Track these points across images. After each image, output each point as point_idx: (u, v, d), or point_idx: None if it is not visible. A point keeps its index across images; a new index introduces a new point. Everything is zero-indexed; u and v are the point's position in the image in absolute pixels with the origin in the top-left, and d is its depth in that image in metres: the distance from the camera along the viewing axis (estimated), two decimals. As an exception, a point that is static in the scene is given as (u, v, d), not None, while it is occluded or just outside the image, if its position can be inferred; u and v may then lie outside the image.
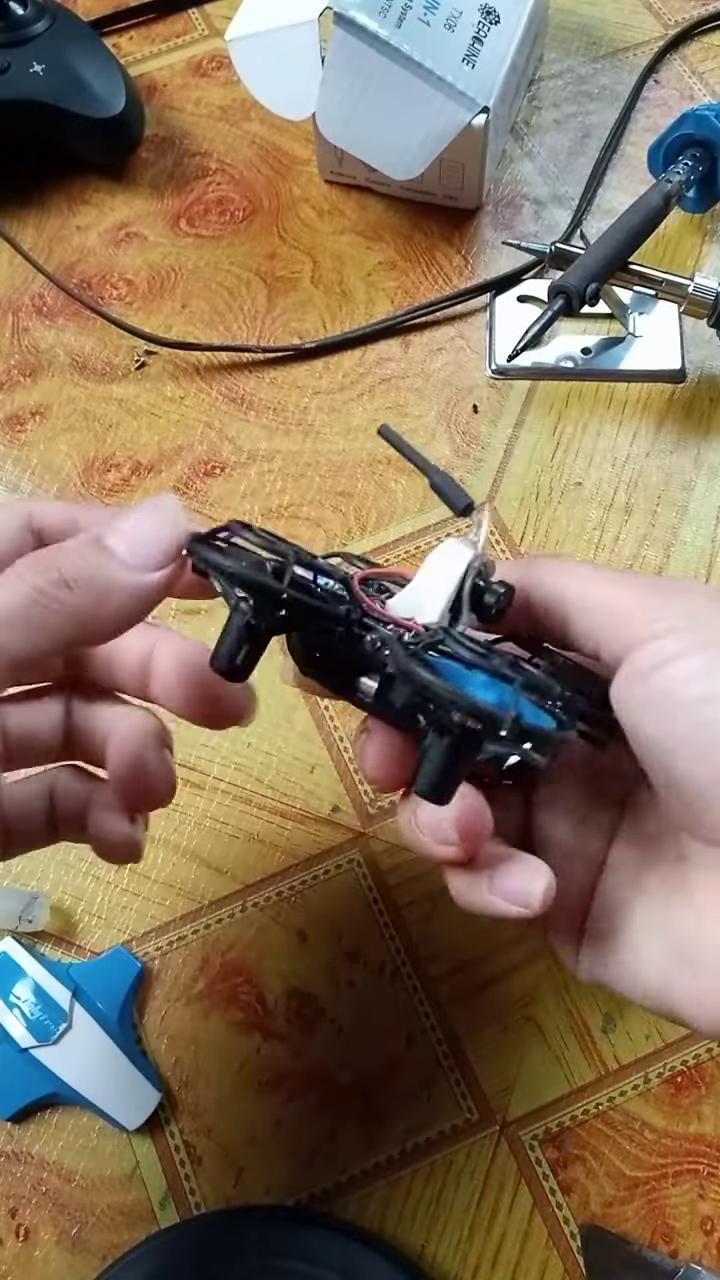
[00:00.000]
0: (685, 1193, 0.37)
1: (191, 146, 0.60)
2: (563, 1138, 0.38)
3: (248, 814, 0.44)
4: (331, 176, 0.58)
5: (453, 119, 0.51)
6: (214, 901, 0.42)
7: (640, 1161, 0.38)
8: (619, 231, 0.49)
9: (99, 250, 0.57)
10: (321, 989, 0.41)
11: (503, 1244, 0.37)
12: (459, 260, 0.55)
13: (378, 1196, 0.38)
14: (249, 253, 0.56)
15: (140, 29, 0.64)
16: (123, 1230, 0.38)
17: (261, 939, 0.41)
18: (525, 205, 0.57)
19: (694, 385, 0.51)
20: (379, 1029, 0.40)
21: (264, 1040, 0.40)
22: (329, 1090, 0.39)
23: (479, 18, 0.52)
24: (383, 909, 0.42)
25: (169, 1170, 0.38)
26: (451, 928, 0.41)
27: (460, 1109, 0.39)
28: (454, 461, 0.50)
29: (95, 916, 0.42)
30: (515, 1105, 0.39)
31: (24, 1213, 0.38)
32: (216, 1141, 0.39)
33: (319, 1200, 0.38)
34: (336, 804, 0.44)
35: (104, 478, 0.50)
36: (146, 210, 0.58)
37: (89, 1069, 0.39)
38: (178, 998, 0.41)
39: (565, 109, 0.59)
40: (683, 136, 0.53)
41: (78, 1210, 0.38)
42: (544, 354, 0.52)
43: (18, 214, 0.58)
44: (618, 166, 0.58)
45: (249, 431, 0.52)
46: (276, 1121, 0.39)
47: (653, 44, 0.61)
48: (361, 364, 0.53)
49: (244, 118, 0.60)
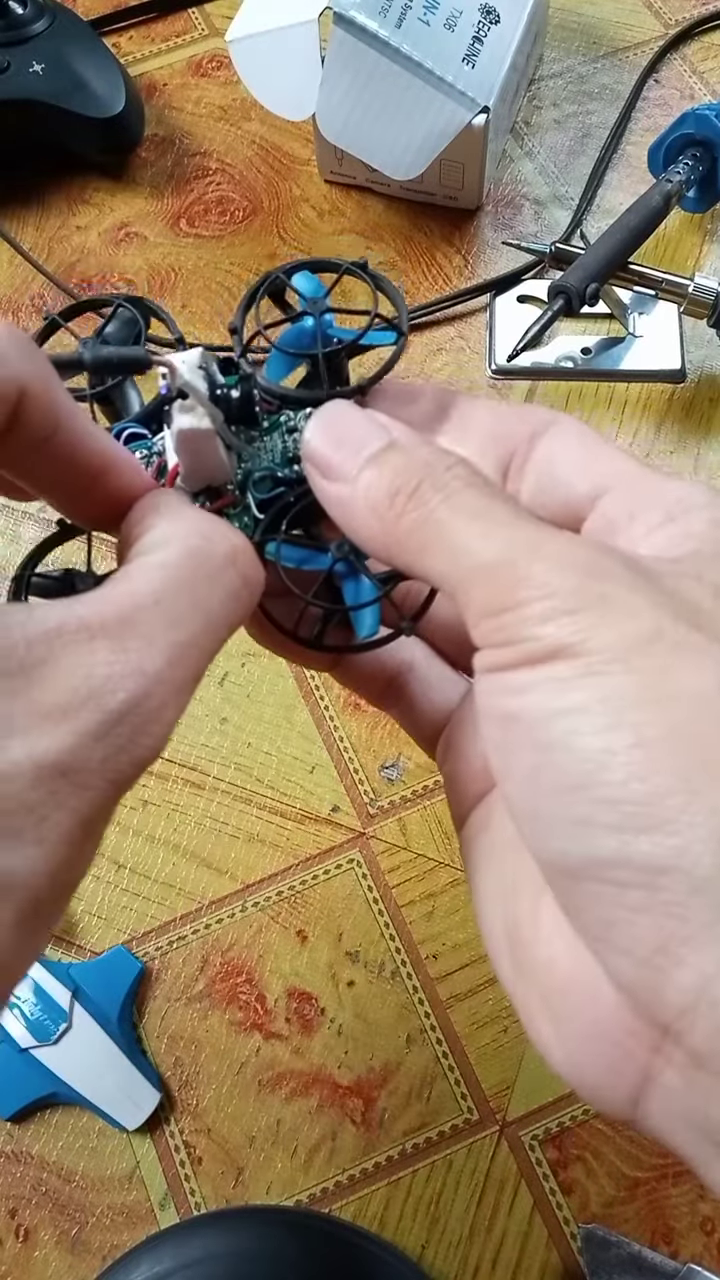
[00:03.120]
0: (685, 1193, 0.37)
1: (191, 146, 0.60)
2: (563, 1138, 0.38)
3: (248, 814, 0.44)
4: (331, 176, 0.58)
5: (453, 119, 0.51)
6: (214, 901, 0.42)
7: (640, 1161, 0.38)
8: (619, 231, 0.49)
9: (99, 250, 0.57)
10: (321, 989, 0.41)
11: (503, 1244, 0.37)
12: (459, 260, 0.55)
13: (378, 1196, 0.38)
14: (249, 253, 0.56)
15: (140, 29, 0.64)
16: (123, 1230, 0.38)
17: (261, 939, 0.41)
18: (525, 205, 0.57)
19: (694, 385, 0.51)
20: (379, 1029, 0.40)
21: (264, 1040, 0.40)
22: (329, 1090, 0.39)
23: (479, 17, 0.52)
24: (383, 909, 0.42)
25: (169, 1170, 0.38)
26: (451, 927, 0.41)
27: (460, 1109, 0.39)
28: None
29: (95, 916, 0.42)
30: (515, 1105, 0.39)
31: (24, 1213, 0.38)
32: (216, 1141, 0.39)
33: (319, 1200, 0.38)
34: (336, 804, 0.44)
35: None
36: (146, 210, 0.58)
37: (89, 1069, 0.39)
38: (178, 998, 0.41)
39: (565, 109, 0.59)
40: (683, 136, 0.53)
41: (78, 1210, 0.38)
42: (544, 354, 0.52)
43: (18, 214, 0.58)
44: (618, 166, 0.58)
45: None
46: (276, 1121, 0.39)
47: (653, 43, 0.61)
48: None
49: (244, 118, 0.60)
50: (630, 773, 0.18)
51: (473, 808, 0.24)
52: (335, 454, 0.23)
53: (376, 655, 0.26)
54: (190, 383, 0.23)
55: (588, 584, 0.19)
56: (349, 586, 0.25)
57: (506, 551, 0.20)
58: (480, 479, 0.21)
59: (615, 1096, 0.19)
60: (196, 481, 0.25)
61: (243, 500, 0.25)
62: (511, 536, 0.20)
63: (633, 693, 0.18)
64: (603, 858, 0.18)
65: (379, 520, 0.21)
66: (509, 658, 0.19)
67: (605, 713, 0.18)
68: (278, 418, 0.26)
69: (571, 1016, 0.20)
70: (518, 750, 0.19)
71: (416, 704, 0.27)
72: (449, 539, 0.20)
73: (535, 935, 0.21)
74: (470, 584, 0.20)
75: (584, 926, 0.19)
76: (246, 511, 0.25)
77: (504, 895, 0.22)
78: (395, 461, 0.22)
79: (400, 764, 0.44)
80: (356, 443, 0.22)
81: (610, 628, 0.18)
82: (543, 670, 0.19)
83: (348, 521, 0.22)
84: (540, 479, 0.24)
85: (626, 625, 0.18)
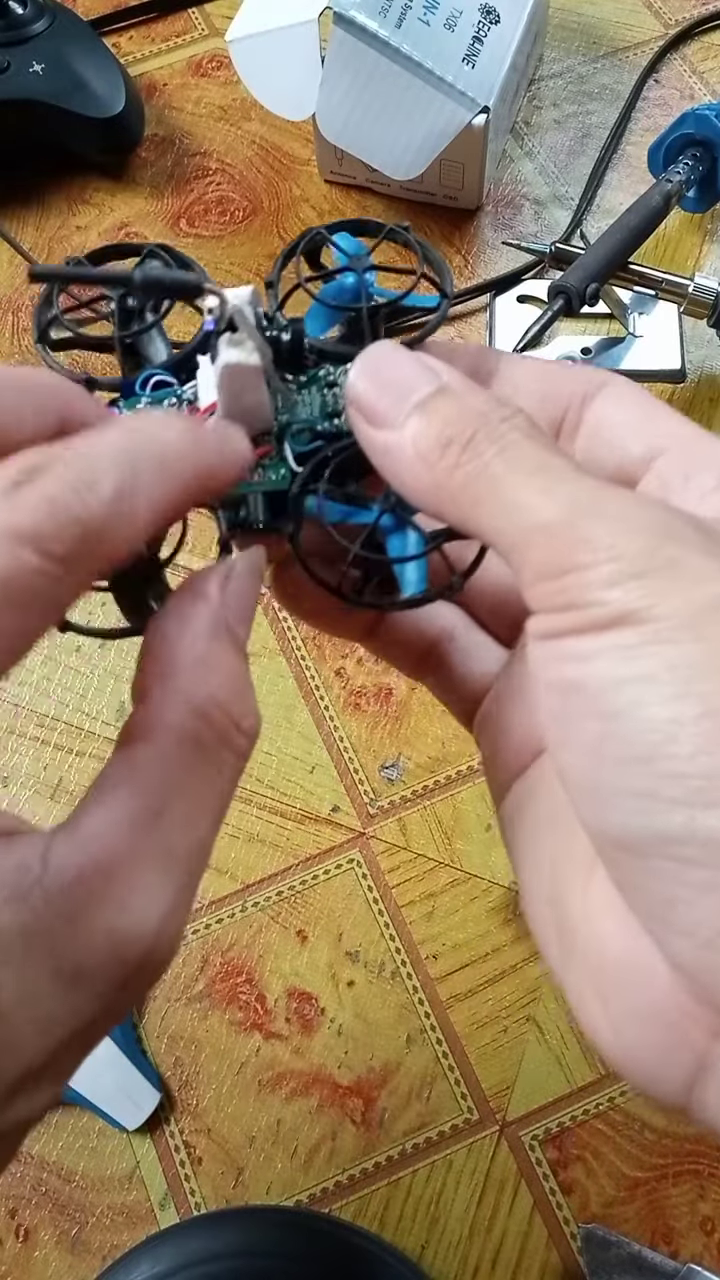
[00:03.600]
0: (685, 1193, 0.37)
1: (191, 146, 0.60)
2: (563, 1138, 0.38)
3: (248, 814, 0.44)
4: (331, 176, 0.58)
5: (453, 119, 0.51)
6: (214, 901, 0.42)
7: (640, 1161, 0.38)
8: (619, 231, 0.49)
9: (99, 250, 0.57)
10: (321, 989, 0.41)
11: (503, 1244, 0.37)
12: (459, 260, 0.55)
13: (378, 1196, 0.38)
14: (249, 253, 0.56)
15: (140, 29, 0.64)
16: (123, 1230, 0.38)
17: (261, 939, 0.41)
18: (525, 205, 0.57)
19: (694, 385, 0.51)
20: (379, 1029, 0.40)
21: (264, 1040, 0.40)
22: (329, 1090, 0.39)
23: (479, 18, 0.52)
24: (383, 909, 0.42)
25: (169, 1170, 0.38)
26: (451, 928, 0.41)
27: (460, 1109, 0.39)
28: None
29: (95, 916, 0.42)
30: (515, 1105, 0.39)
31: (24, 1213, 0.38)
32: (216, 1141, 0.39)
33: (319, 1200, 0.38)
34: (336, 804, 0.44)
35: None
36: (146, 210, 0.58)
37: (89, 1069, 0.39)
38: (178, 998, 0.41)
39: (565, 109, 0.59)
40: (683, 136, 0.53)
41: (78, 1210, 0.38)
42: (544, 354, 0.52)
43: (18, 214, 0.58)
44: (618, 166, 0.58)
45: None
46: (276, 1121, 0.39)
47: (653, 43, 0.61)
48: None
49: (244, 118, 0.60)
50: (698, 745, 0.17)
51: (513, 781, 0.23)
52: (382, 398, 0.21)
53: (416, 621, 0.25)
54: (243, 312, 0.22)
55: (656, 546, 0.18)
56: (394, 541, 0.23)
57: (568, 510, 0.19)
58: (539, 431, 0.20)
59: (669, 1082, 0.19)
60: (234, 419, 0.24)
61: (280, 451, 0.24)
62: (574, 494, 0.19)
63: (702, 661, 0.17)
64: (668, 833, 0.17)
65: (429, 471, 0.20)
66: (571, 623, 0.18)
67: (673, 682, 0.17)
68: (316, 372, 0.25)
69: (623, 998, 0.19)
70: (579, 720, 0.18)
71: (455, 673, 0.25)
72: (506, 494, 0.19)
73: (585, 912, 0.20)
74: (528, 544, 0.19)
75: (642, 905, 0.18)
76: (284, 463, 0.24)
77: (550, 872, 0.21)
78: (447, 408, 0.20)
79: (400, 764, 0.44)
80: (405, 386, 0.21)
81: (679, 593, 0.18)
82: (608, 637, 0.18)
83: (395, 471, 0.21)
84: (592, 441, 0.23)
85: (696, 591, 0.18)
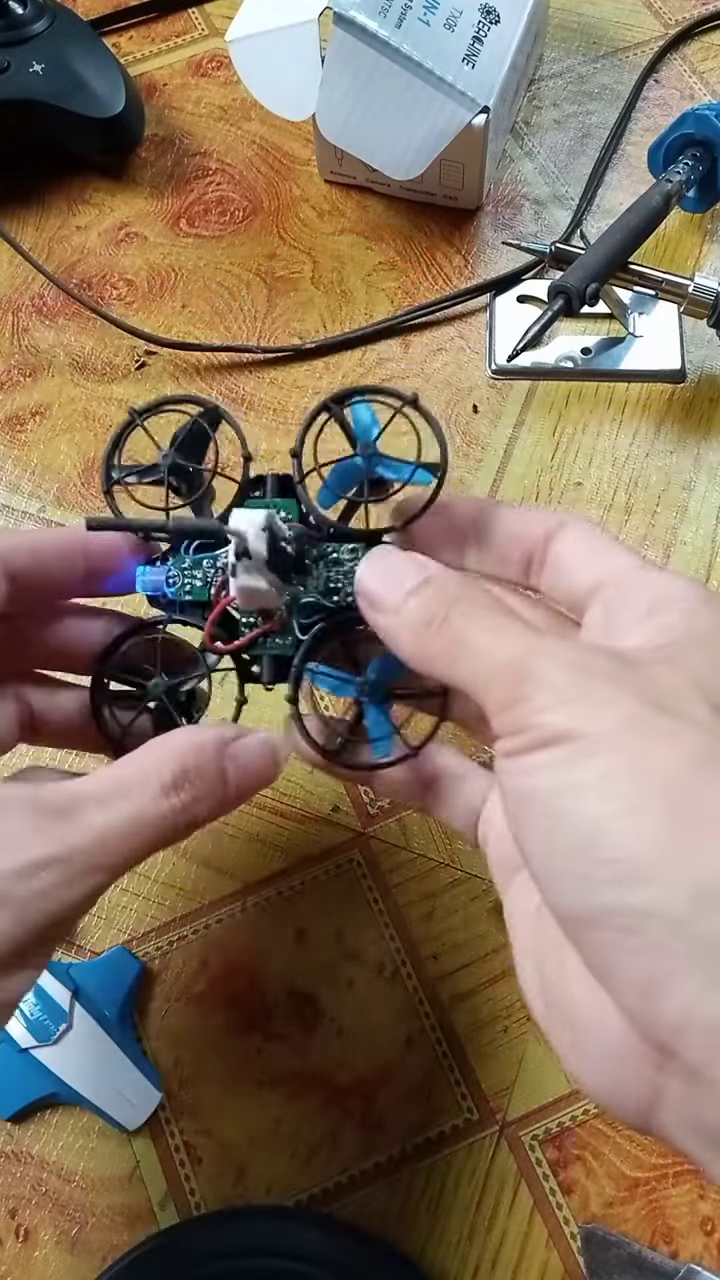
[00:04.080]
0: (685, 1193, 0.37)
1: (191, 146, 0.60)
2: (563, 1138, 0.38)
3: (248, 814, 0.44)
4: (331, 176, 0.58)
5: (453, 119, 0.51)
6: (214, 901, 0.42)
7: (640, 1161, 0.38)
8: (619, 231, 0.49)
9: (99, 250, 0.57)
10: (321, 989, 0.41)
11: (503, 1244, 0.37)
12: (459, 260, 0.55)
13: (378, 1196, 0.38)
14: (249, 253, 0.56)
15: (140, 29, 0.64)
16: (123, 1230, 0.38)
17: (261, 939, 0.41)
18: (525, 205, 0.57)
19: (694, 385, 0.51)
20: (379, 1029, 0.40)
21: (264, 1040, 0.40)
22: (329, 1090, 0.39)
23: (479, 17, 0.52)
24: (383, 909, 0.42)
25: (169, 1170, 0.38)
26: (451, 928, 0.41)
27: (460, 1109, 0.39)
28: (454, 462, 0.50)
29: (95, 916, 0.42)
30: (515, 1105, 0.39)
31: (24, 1213, 0.38)
32: (216, 1141, 0.39)
33: (319, 1200, 0.38)
34: (336, 804, 0.44)
35: (104, 478, 0.50)
36: (146, 210, 0.58)
37: (89, 1069, 0.39)
38: (178, 998, 0.41)
39: (565, 109, 0.59)
40: (683, 136, 0.53)
41: (78, 1210, 0.38)
42: (544, 354, 0.52)
43: (18, 214, 0.58)
44: (618, 166, 0.58)
45: (249, 432, 0.51)
46: (276, 1121, 0.39)
47: (653, 43, 0.61)
48: (362, 364, 0.53)
49: (244, 118, 0.60)
50: (621, 836, 0.21)
51: (510, 880, 0.28)
52: (383, 591, 0.28)
53: (412, 767, 0.31)
54: (256, 550, 0.28)
55: (578, 678, 0.23)
56: (370, 716, 0.30)
57: (515, 655, 0.24)
58: (497, 603, 0.26)
59: (631, 1108, 0.23)
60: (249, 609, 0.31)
61: (289, 623, 0.30)
62: (519, 644, 0.24)
63: (621, 769, 0.22)
64: (605, 907, 0.21)
65: (418, 641, 0.26)
66: (522, 743, 0.23)
67: (600, 785, 0.22)
68: (325, 547, 0.31)
69: (591, 1042, 0.24)
70: (534, 819, 0.23)
71: (452, 801, 0.31)
72: (471, 649, 0.25)
73: (562, 978, 0.24)
74: (489, 685, 0.24)
75: (594, 966, 0.23)
76: (289, 633, 0.31)
77: (536, 948, 0.26)
78: (429, 594, 0.27)
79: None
80: (399, 580, 0.28)
81: (598, 714, 0.22)
82: (549, 753, 0.23)
83: (393, 643, 0.27)
84: (553, 573, 0.29)
85: (610, 711, 0.22)
